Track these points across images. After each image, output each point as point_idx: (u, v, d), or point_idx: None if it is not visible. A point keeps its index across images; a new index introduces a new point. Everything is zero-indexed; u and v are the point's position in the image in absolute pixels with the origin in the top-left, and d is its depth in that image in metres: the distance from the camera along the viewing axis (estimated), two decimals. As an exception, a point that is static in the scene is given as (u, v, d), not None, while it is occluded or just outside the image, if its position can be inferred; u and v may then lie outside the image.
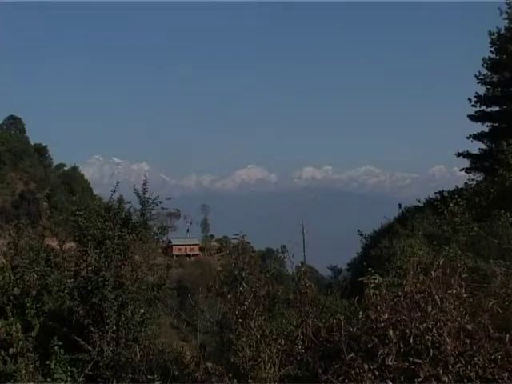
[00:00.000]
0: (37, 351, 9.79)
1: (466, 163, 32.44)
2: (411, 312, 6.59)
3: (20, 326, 9.74)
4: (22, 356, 9.51)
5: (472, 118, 32.53)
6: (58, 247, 11.28)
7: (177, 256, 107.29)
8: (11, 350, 9.49)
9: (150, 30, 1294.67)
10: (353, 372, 6.37)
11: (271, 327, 8.82)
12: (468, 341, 6.38)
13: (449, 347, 6.24)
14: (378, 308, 6.76)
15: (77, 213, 10.82)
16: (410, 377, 6.20)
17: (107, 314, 10.12)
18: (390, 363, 6.29)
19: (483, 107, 32.17)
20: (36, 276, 10.74)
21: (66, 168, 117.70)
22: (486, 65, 31.74)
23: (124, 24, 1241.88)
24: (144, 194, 11.37)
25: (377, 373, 6.29)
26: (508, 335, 6.43)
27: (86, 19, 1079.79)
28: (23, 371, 9.31)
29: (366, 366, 6.30)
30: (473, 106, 32.34)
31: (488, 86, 31.86)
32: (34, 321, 10.07)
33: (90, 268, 10.64)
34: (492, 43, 31.35)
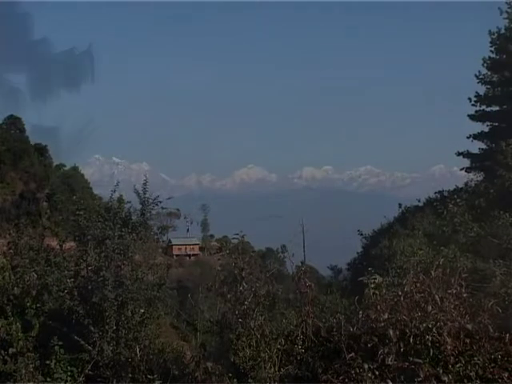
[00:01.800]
0: (37, 351, 9.78)
1: (466, 163, 32.55)
2: (411, 312, 6.60)
3: (20, 326, 9.74)
4: (22, 356, 9.51)
5: (472, 117, 32.56)
6: (57, 247, 11.27)
7: (177, 256, 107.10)
8: (11, 350, 9.49)
9: (150, 29, 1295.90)
10: (353, 371, 6.38)
11: (271, 327, 8.83)
12: (468, 341, 6.39)
13: (449, 347, 6.25)
14: (378, 308, 6.77)
15: (77, 213, 10.82)
16: (409, 376, 6.21)
17: (107, 313, 10.11)
18: (389, 363, 6.30)
19: (483, 107, 32.21)
20: (36, 276, 10.74)
21: (65, 168, 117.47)
22: (486, 64, 31.77)
23: (124, 24, 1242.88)
24: (144, 193, 11.35)
25: (377, 372, 6.30)
26: (508, 335, 6.43)
27: (87, 19, 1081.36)
28: (23, 371, 9.31)
29: (365, 366, 6.31)
30: (473, 105, 32.42)
31: (488, 86, 31.88)
32: (33, 321, 10.06)
33: (89, 268, 10.63)
34: (492, 43, 31.39)
